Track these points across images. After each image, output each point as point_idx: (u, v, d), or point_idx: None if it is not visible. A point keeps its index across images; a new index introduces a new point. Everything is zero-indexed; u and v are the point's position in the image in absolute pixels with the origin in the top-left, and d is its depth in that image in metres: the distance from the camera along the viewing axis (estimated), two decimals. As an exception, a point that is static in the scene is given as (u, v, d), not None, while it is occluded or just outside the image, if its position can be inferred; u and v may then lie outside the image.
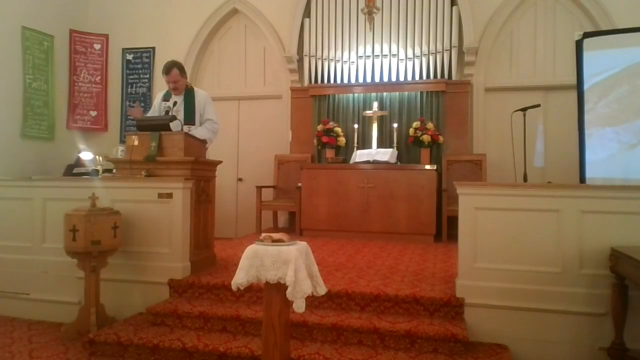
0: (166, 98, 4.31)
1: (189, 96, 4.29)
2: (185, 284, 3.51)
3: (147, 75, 7.18)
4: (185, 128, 4.12)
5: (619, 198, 2.91)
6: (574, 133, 5.22)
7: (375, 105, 6.19)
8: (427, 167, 5.57)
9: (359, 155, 5.85)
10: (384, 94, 6.33)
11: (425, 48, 6.16)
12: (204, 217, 3.94)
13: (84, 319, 3.31)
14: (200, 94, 4.36)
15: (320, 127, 6.30)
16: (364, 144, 6.28)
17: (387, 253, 4.65)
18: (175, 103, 4.14)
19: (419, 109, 6.22)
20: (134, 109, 4.21)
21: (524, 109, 4.95)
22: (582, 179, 4.95)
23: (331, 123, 6.30)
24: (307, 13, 6.57)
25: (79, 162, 6.41)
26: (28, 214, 3.93)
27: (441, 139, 5.97)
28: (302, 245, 2.46)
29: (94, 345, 3.04)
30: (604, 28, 5.59)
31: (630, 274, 2.58)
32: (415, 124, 5.98)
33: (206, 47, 7.13)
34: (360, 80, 6.38)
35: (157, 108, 4.36)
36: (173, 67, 4.17)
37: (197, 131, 4.14)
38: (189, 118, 4.24)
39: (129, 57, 7.25)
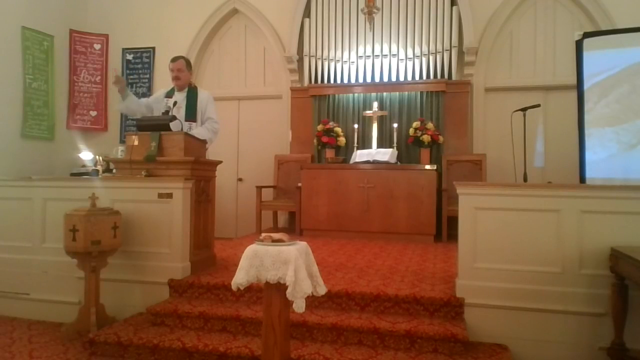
0: (169, 95, 4.33)
1: (192, 94, 4.31)
2: (185, 284, 3.51)
3: (147, 75, 7.18)
4: (186, 125, 4.13)
5: (619, 198, 2.91)
6: (574, 133, 5.22)
7: (375, 105, 6.19)
8: (427, 167, 5.56)
9: (359, 155, 5.85)
10: (384, 94, 6.33)
11: (425, 48, 6.16)
12: (204, 217, 3.94)
13: (84, 319, 3.31)
14: (203, 93, 4.41)
15: (320, 127, 6.30)
16: (364, 144, 6.28)
17: (387, 253, 4.65)
18: (175, 103, 4.15)
19: (419, 109, 6.22)
20: (118, 79, 4.18)
21: (524, 109, 4.95)
22: (582, 179, 4.94)
23: (331, 123, 6.30)
24: (307, 13, 6.57)
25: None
26: (28, 214, 3.93)
27: (441, 139, 5.97)
28: (302, 245, 2.46)
29: (94, 345, 3.04)
30: (604, 28, 5.59)
31: (630, 274, 2.58)
32: (415, 124, 5.98)
33: (206, 47, 7.13)
34: (360, 80, 6.38)
35: (159, 100, 4.36)
36: (180, 58, 4.39)
37: (197, 131, 4.15)
38: (191, 115, 4.25)
39: (129, 57, 7.25)
